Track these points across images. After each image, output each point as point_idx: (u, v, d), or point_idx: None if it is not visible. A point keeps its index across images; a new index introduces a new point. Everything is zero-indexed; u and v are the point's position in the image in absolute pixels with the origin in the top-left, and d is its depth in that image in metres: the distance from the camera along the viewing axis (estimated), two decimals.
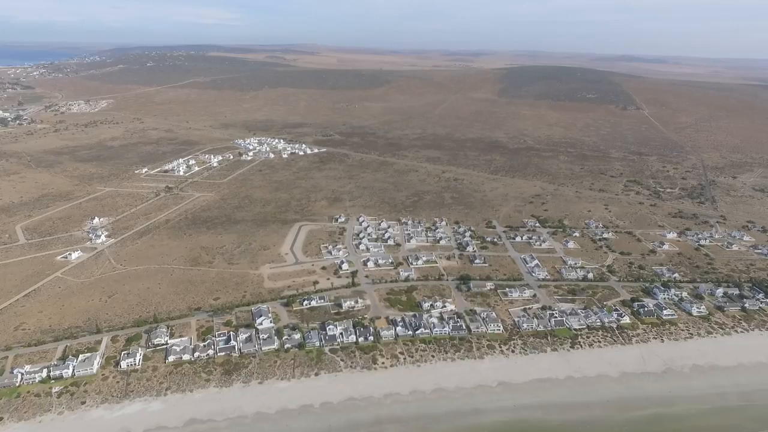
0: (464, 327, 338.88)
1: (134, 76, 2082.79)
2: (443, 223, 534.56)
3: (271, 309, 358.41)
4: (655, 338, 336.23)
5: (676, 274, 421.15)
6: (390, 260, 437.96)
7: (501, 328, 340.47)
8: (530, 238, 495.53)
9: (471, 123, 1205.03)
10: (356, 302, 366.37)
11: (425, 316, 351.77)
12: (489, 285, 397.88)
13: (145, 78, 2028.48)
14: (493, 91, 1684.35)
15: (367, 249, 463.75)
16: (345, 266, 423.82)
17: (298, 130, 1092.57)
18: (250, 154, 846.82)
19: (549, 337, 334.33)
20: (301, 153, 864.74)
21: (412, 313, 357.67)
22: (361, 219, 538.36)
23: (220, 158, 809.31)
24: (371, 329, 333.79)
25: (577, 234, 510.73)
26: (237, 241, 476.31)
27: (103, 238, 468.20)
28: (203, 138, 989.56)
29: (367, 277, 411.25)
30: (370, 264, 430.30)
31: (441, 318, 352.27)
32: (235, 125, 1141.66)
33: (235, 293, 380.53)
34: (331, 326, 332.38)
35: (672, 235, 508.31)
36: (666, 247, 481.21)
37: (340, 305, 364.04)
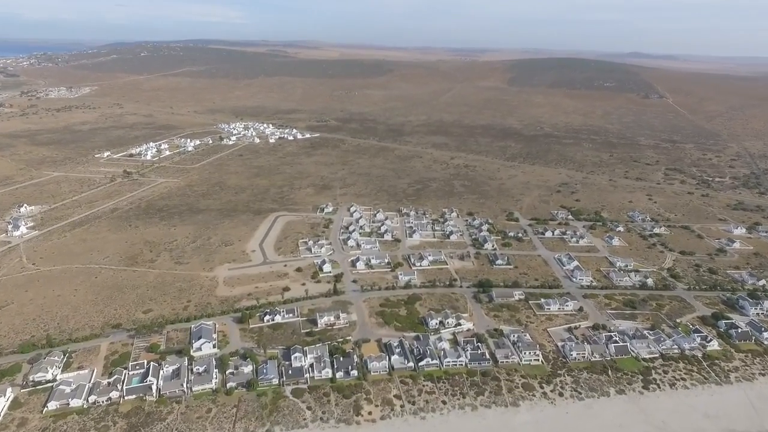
0: (487, 356, 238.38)
1: (125, 65, 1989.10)
2: (454, 214, 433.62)
3: (219, 327, 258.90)
4: (763, 375, 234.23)
5: (763, 281, 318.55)
6: (386, 260, 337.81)
7: (540, 357, 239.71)
8: (563, 233, 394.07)
9: (480, 110, 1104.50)
10: (337, 317, 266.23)
11: (432, 338, 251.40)
12: (517, 294, 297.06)
13: (137, 67, 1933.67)
14: (503, 80, 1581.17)
15: (358, 246, 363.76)
16: (327, 267, 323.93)
17: (290, 116, 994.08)
18: (233, 138, 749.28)
19: (610, 372, 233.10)
20: (291, 138, 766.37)
21: (413, 334, 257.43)
22: (352, 209, 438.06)
23: (198, 143, 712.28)
24: (355, 358, 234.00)
25: (620, 228, 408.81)
26: (194, 235, 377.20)
27: (23, 229, 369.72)
28: (184, 123, 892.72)
29: (355, 282, 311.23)
30: (361, 265, 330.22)
31: (454, 342, 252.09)
32: (223, 111, 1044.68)
33: (175, 303, 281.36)
34: (297, 354, 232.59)
35: (740, 231, 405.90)
36: (737, 245, 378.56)
37: (314, 322, 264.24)
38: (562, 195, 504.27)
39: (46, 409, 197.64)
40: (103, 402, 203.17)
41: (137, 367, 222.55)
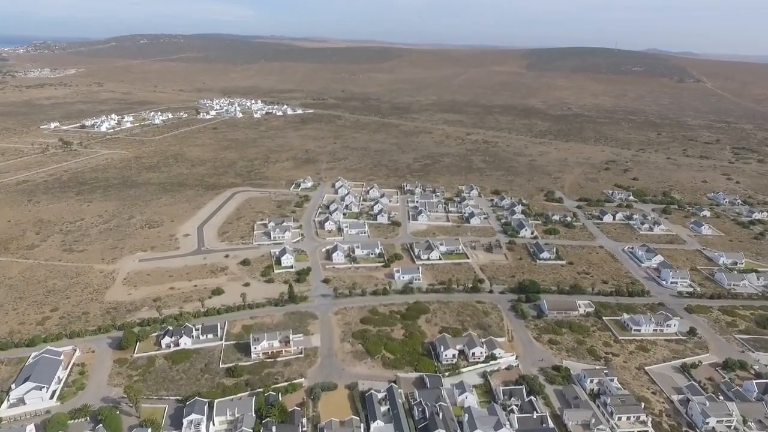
0: (550, 423, 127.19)
1: (122, 52, 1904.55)
2: (474, 192, 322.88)
3: (81, 355, 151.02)
4: None
5: None
6: (377, 251, 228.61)
7: (649, 425, 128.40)
8: (629, 218, 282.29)
9: (497, 92, 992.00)
10: (285, 342, 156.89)
11: (447, 385, 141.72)
12: (582, 304, 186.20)
13: (133, 53, 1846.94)
14: (520, 65, 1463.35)
15: (339, 230, 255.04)
16: (288, 260, 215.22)
17: (285, 95, 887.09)
18: (212, 113, 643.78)
19: None
20: (280, 114, 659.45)
21: (414, 375, 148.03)
22: (338, 184, 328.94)
23: (170, 116, 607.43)
24: (302, 427, 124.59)
25: (706, 213, 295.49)
26: (112, 213, 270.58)
27: None
28: (164, 99, 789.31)
29: (327, 282, 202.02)
30: (339, 257, 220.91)
31: (486, 391, 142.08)
32: (212, 90, 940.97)
33: (31, 312, 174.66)
34: (195, 415, 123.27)
35: None
36: None
37: (245, 349, 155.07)
38: (612, 173, 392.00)
39: None
40: None
41: None
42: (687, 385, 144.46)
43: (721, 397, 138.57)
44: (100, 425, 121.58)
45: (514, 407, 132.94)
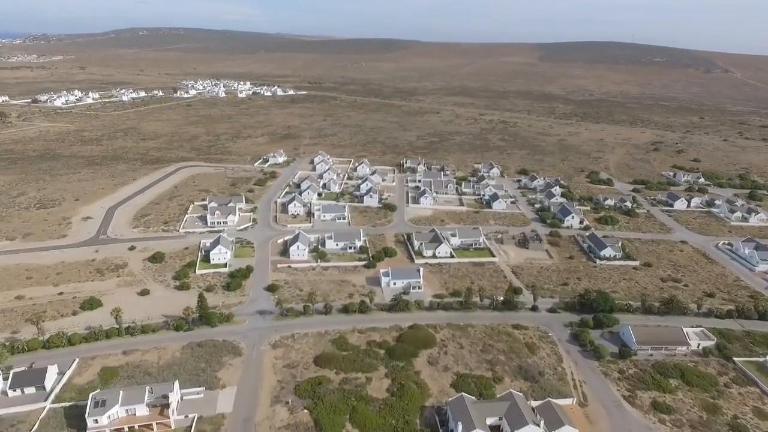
0: None
1: (119, 42, 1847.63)
2: (495, 170, 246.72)
3: None
4: None
5: None
6: (358, 243, 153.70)
7: None
8: (710, 204, 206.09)
9: (510, 79, 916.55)
10: (162, 406, 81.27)
11: None
12: (694, 336, 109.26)
13: (130, 44, 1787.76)
14: (532, 57, 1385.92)
15: (309, 215, 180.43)
16: (220, 255, 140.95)
17: (280, 80, 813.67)
18: (191, 92, 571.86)
19: None
20: (268, 94, 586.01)
21: None
22: (317, 159, 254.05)
23: (143, 94, 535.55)
24: None
25: None
26: None
27: None
28: (144, 81, 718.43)
29: (271, 291, 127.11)
30: (299, 251, 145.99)
31: None
32: (201, 75, 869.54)
33: None
34: None
35: None
36: None
37: (83, 419, 79.57)
38: (663, 154, 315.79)
39: None
40: None
41: None
42: None
43: None
44: None
45: None
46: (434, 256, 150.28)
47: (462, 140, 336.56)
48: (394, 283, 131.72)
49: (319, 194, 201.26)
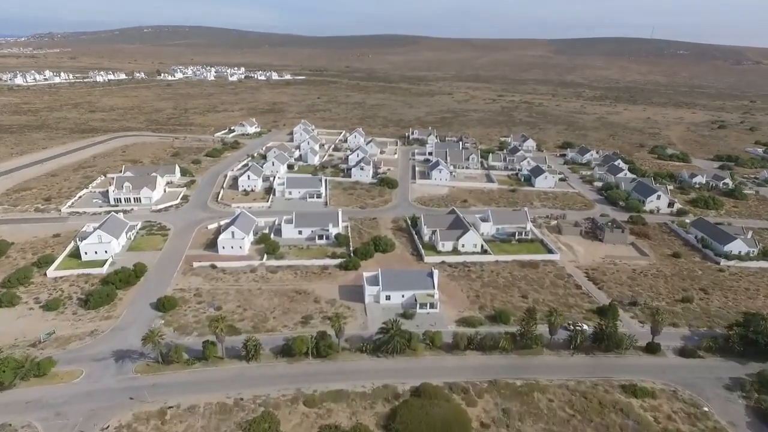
0: None
1: (122, 38, 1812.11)
2: (530, 143, 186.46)
3: None
4: None
5: None
6: (332, 230, 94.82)
7: None
8: None
9: (527, 69, 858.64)
10: None
11: None
12: None
13: (133, 40, 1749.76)
14: (548, 50, 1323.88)
15: (269, 192, 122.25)
16: (102, 247, 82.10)
17: (278, 68, 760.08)
18: (178, 75, 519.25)
19: None
20: (262, 78, 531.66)
21: None
22: (297, 128, 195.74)
23: (123, 76, 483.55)
24: None
25: None
26: None
27: None
28: (130, 68, 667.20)
29: (163, 310, 68.17)
30: (231, 244, 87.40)
31: None
32: (195, 64, 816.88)
33: None
34: None
35: None
36: None
37: None
38: (733, 131, 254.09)
39: None
40: None
41: None
42: None
43: None
44: None
45: None
46: (456, 251, 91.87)
47: (481, 116, 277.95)
48: (388, 297, 73.47)
49: (290, 166, 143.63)
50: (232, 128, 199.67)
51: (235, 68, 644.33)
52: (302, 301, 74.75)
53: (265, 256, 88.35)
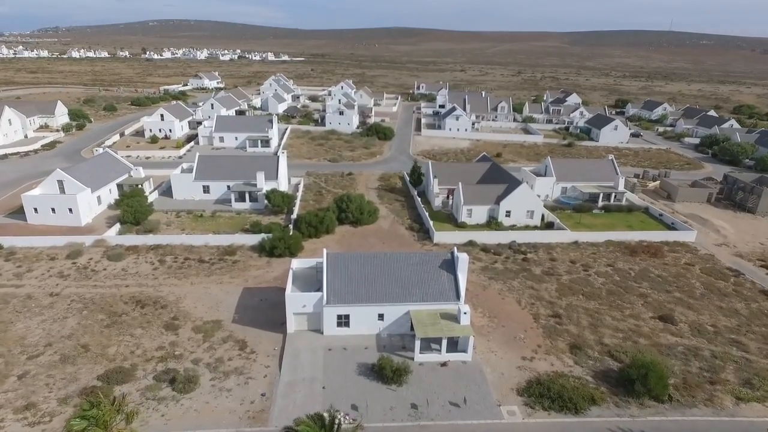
0: None
1: (127, 31, 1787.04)
2: (573, 98, 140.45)
3: None
4: None
5: None
6: (256, 187, 49.70)
7: None
8: None
9: (544, 57, 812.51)
10: None
11: None
12: None
13: (137, 31, 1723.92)
14: (562, 41, 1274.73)
15: (193, 138, 77.65)
16: None
17: (279, 55, 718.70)
18: (165, 54, 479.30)
19: None
20: (257, 58, 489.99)
21: None
22: (270, 81, 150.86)
23: (104, 54, 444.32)
24: None
25: None
26: None
27: None
28: (114, 49, 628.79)
29: None
30: (53, 208, 42.13)
31: None
32: (191, 58, 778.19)
33: None
34: None
35: None
36: None
37: None
38: None
39: None
40: None
41: None
42: None
43: None
44: None
45: None
46: (495, 224, 46.67)
47: (503, 83, 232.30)
48: (343, 319, 28.30)
49: (241, 113, 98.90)
50: (186, 83, 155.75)
51: (230, 50, 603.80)
52: (135, 328, 30.21)
53: (117, 227, 44.04)
